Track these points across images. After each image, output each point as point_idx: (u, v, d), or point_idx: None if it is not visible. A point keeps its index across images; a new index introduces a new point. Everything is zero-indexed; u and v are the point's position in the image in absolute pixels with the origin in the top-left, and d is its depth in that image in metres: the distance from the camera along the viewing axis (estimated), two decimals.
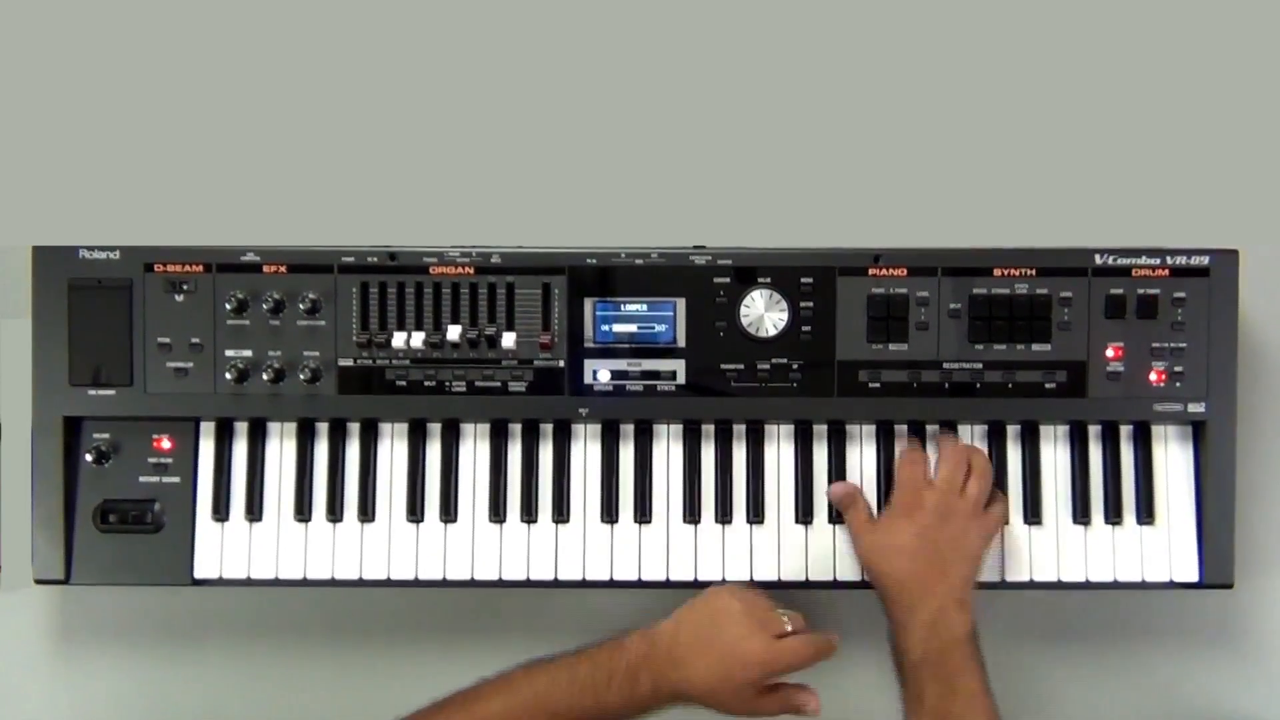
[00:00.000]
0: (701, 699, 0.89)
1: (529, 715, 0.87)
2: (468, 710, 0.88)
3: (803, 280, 0.97)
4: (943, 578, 0.91)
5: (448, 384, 0.97)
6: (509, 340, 0.97)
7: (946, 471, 0.95)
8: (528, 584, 0.98)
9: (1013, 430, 0.99)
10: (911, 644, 0.90)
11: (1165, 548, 0.98)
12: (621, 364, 0.98)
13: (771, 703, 0.90)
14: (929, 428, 0.99)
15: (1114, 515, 0.98)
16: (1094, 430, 0.99)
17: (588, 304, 0.97)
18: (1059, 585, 0.98)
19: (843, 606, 1.03)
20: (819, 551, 0.98)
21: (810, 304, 0.97)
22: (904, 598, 0.91)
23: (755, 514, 0.98)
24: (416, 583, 0.98)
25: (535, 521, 0.98)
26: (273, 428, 0.99)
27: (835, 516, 0.99)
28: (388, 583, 0.98)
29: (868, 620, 1.02)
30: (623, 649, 0.90)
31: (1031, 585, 0.98)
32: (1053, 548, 0.98)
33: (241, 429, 0.99)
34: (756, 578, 0.98)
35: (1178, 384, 0.97)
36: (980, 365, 0.97)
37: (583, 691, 0.88)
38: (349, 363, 0.97)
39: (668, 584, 0.98)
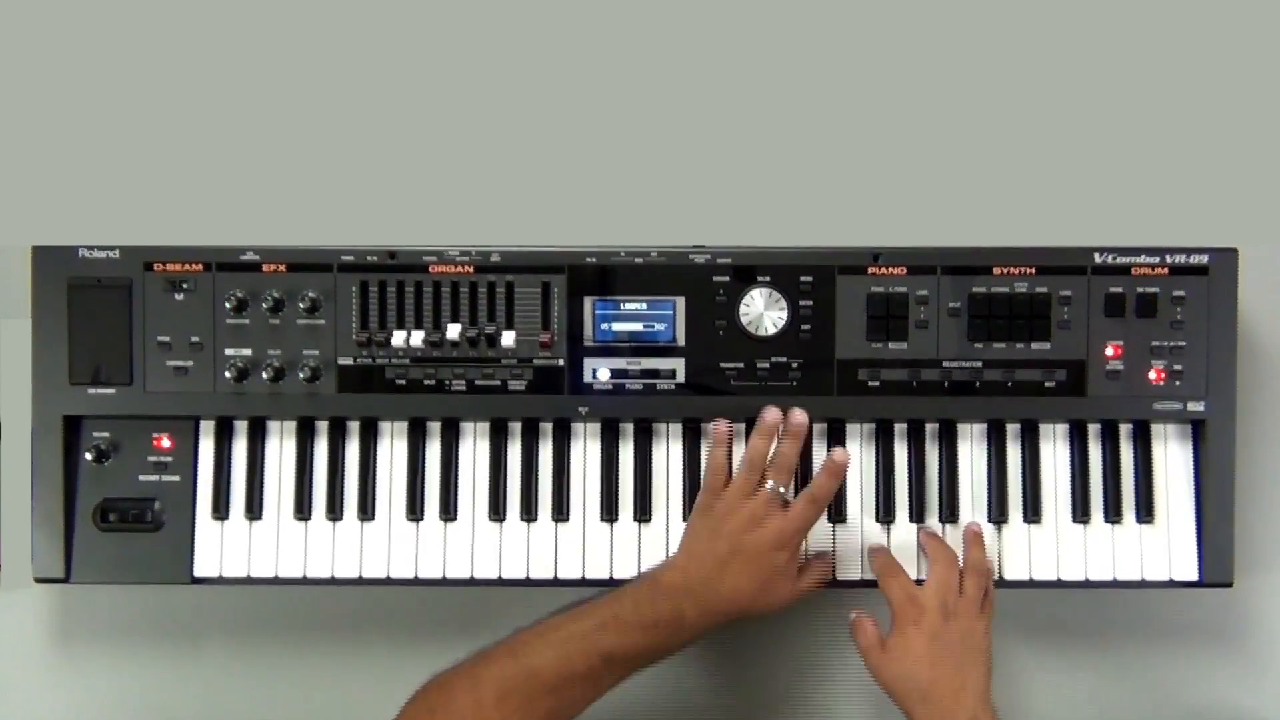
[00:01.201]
0: (751, 605, 0.90)
1: (584, 659, 0.87)
2: (518, 659, 0.87)
3: (802, 279, 0.97)
4: (965, 680, 0.90)
5: (447, 383, 0.97)
6: (509, 339, 0.97)
7: (940, 573, 0.94)
8: (527, 583, 0.98)
9: (1012, 429, 0.99)
10: None
11: (1165, 546, 0.98)
12: (621, 363, 0.98)
13: (808, 579, 0.94)
14: (929, 426, 0.99)
15: (1113, 514, 0.98)
16: (1093, 429, 0.99)
17: (587, 303, 0.97)
18: (1058, 584, 0.98)
19: (843, 605, 1.03)
20: (818, 549, 0.98)
21: (810, 303, 0.97)
22: (934, 709, 0.89)
23: None
24: (416, 581, 0.98)
25: (535, 520, 0.98)
26: (272, 426, 0.99)
27: (835, 515, 0.99)
28: (387, 581, 0.98)
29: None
30: (659, 587, 0.90)
31: (1031, 584, 0.98)
32: (1052, 546, 0.98)
33: (241, 428, 0.99)
34: None
35: (1177, 382, 0.97)
36: (980, 364, 0.97)
37: (633, 633, 0.88)
38: (349, 361, 0.97)
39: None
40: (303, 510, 0.98)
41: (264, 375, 0.96)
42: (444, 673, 0.89)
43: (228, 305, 0.96)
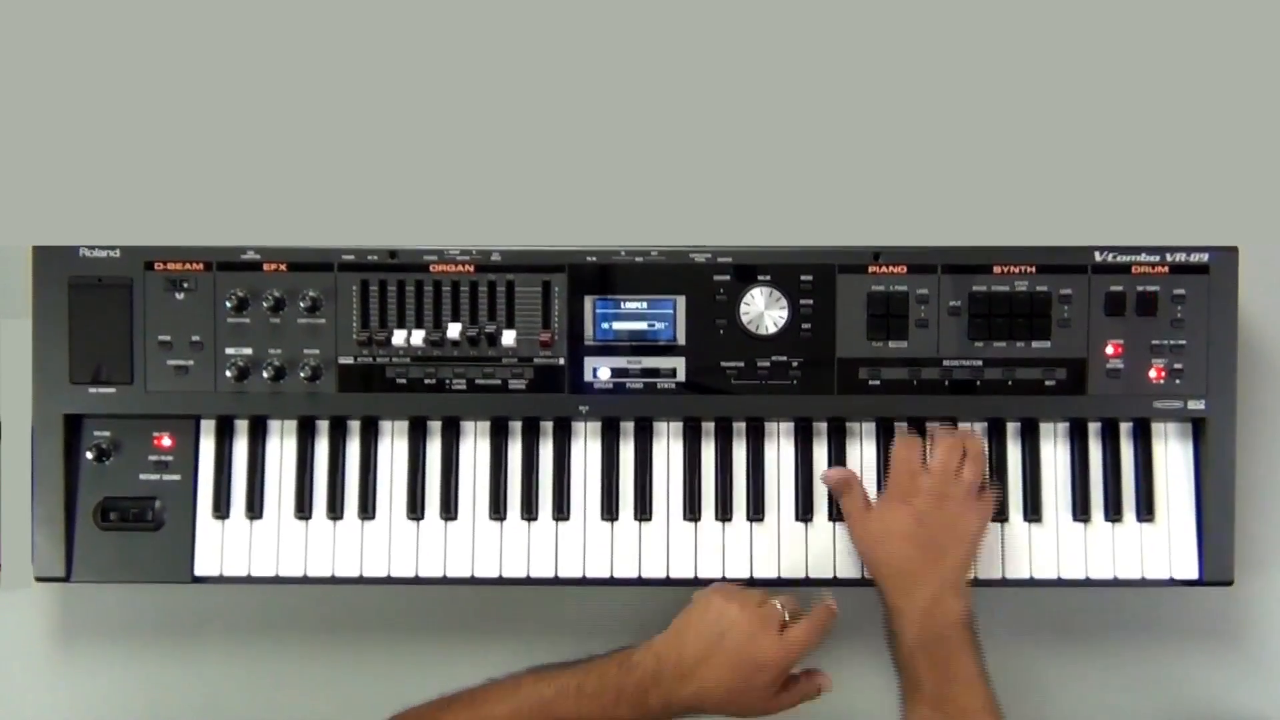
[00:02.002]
0: (718, 708, 0.89)
1: None
2: (474, 710, 0.88)
3: (803, 278, 0.97)
4: (939, 563, 0.91)
5: (448, 382, 0.97)
6: (509, 338, 0.97)
7: (941, 456, 0.95)
8: (528, 582, 0.98)
9: (1012, 427, 0.99)
10: (907, 629, 0.90)
11: (1165, 545, 0.98)
12: (621, 361, 0.98)
13: (789, 697, 0.91)
14: (929, 424, 0.99)
15: (1114, 512, 0.98)
16: (1094, 427, 0.99)
17: (588, 302, 0.98)
18: (1059, 583, 0.98)
19: (843, 604, 1.03)
20: (819, 549, 0.98)
21: (810, 301, 0.97)
22: (900, 583, 0.91)
23: (755, 511, 0.99)
24: (417, 580, 0.98)
25: (535, 519, 0.98)
26: (273, 425, 0.99)
27: (835, 514, 0.99)
28: (388, 580, 0.98)
29: (870, 617, 1.02)
30: (630, 666, 0.89)
31: (1031, 583, 0.98)
32: (1053, 545, 0.98)
33: (242, 427, 0.99)
34: (757, 575, 0.98)
35: (1177, 381, 0.97)
36: (980, 362, 0.97)
37: (590, 704, 0.87)
38: (349, 361, 0.97)
39: (668, 582, 0.98)
40: (303, 509, 0.98)
41: (265, 374, 0.96)
42: (405, 712, 0.89)
43: (228, 305, 0.96)
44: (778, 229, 1.04)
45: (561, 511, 0.98)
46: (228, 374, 0.96)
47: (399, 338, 0.97)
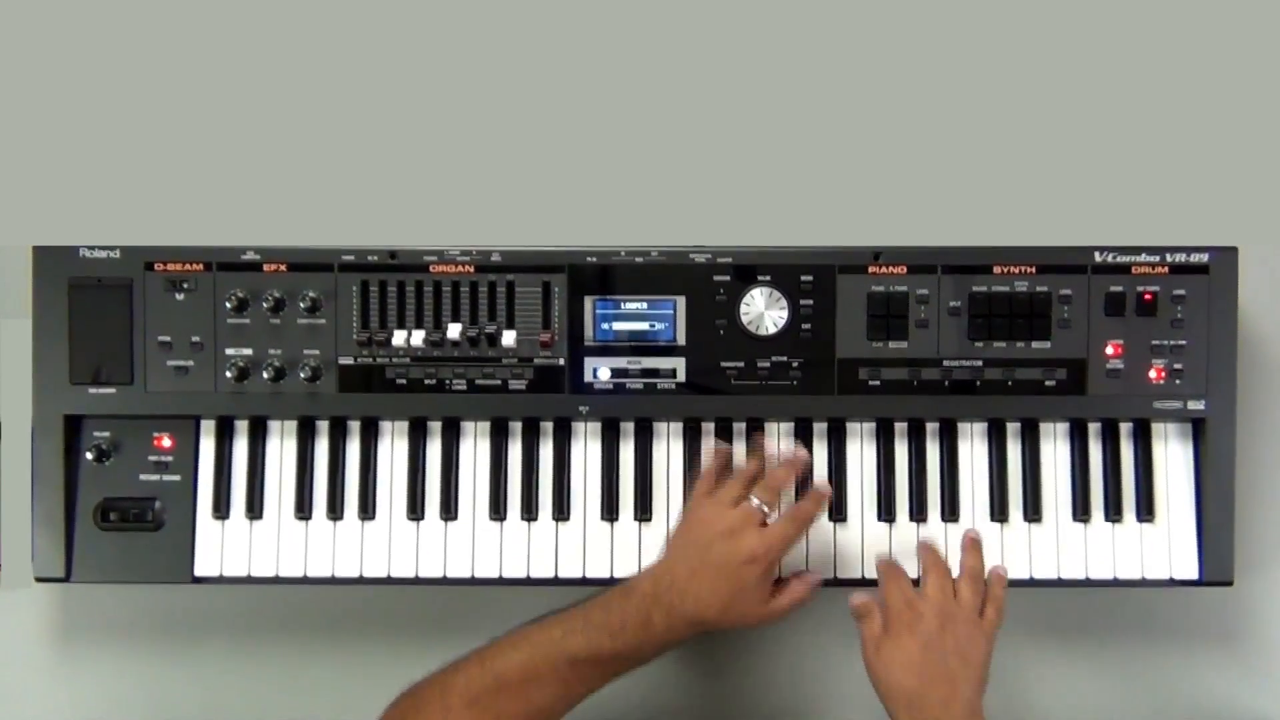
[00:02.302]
0: (719, 619, 0.89)
1: (549, 663, 0.87)
2: (485, 666, 0.88)
3: (803, 278, 0.97)
4: (954, 691, 0.88)
5: (448, 382, 0.97)
6: (509, 338, 0.97)
7: (935, 580, 0.92)
8: (528, 582, 0.98)
9: (1012, 428, 0.99)
10: None
11: (1165, 545, 0.98)
12: (621, 362, 0.98)
13: (783, 599, 0.91)
14: (929, 425, 0.99)
15: (1114, 513, 0.98)
16: (1094, 428, 0.99)
17: (588, 302, 0.98)
18: (1059, 583, 0.98)
19: (843, 604, 1.03)
20: (819, 548, 0.98)
21: (810, 302, 0.97)
22: (913, 716, 0.88)
23: None
24: (417, 581, 0.98)
25: (535, 519, 0.98)
26: (273, 426, 0.99)
27: (834, 514, 0.99)
28: (388, 581, 0.98)
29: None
30: (630, 592, 0.90)
31: (1031, 583, 0.98)
32: (1052, 545, 0.99)
33: (242, 427, 0.99)
34: None
35: (1177, 381, 0.97)
36: (980, 363, 0.98)
37: (599, 635, 0.88)
38: (349, 361, 0.97)
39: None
40: (303, 510, 0.98)
41: (265, 375, 0.96)
42: (417, 683, 0.89)
43: (228, 305, 0.96)
44: (778, 229, 1.04)
45: (561, 512, 0.98)
46: (228, 374, 0.96)
47: (399, 338, 0.97)
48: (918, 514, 0.99)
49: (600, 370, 0.98)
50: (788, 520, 0.90)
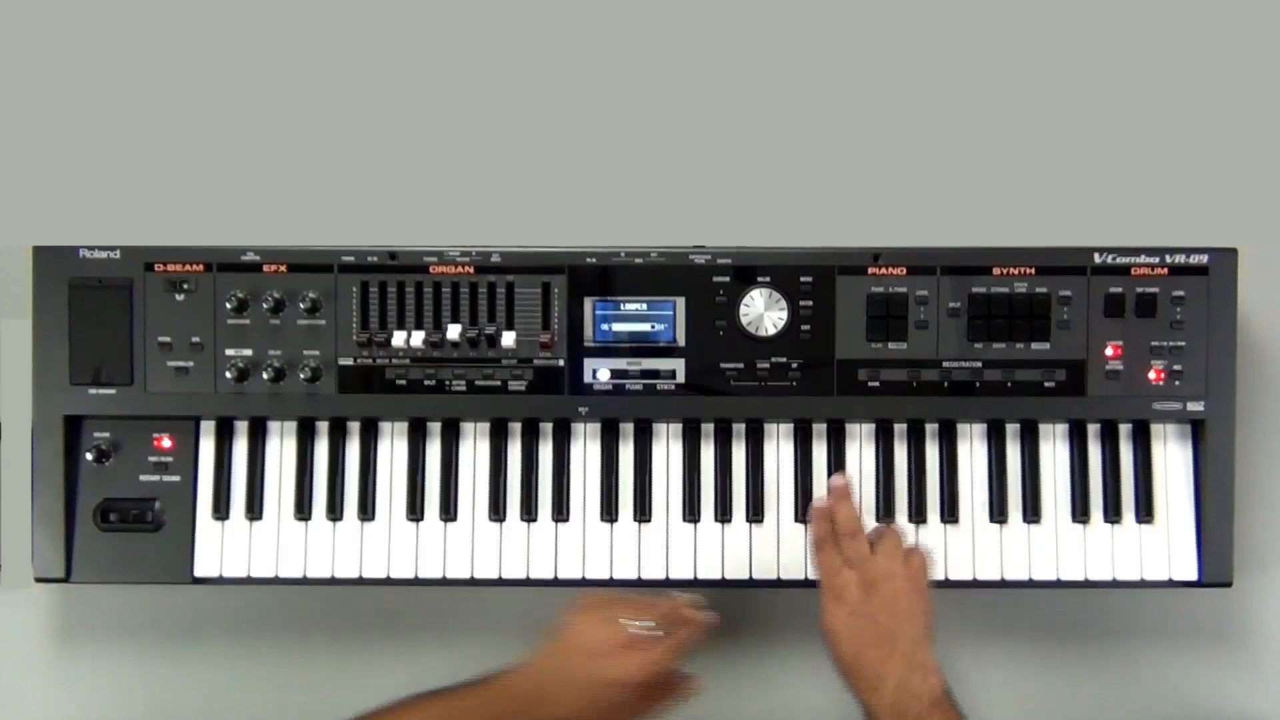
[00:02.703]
0: None
1: None
2: None
3: (802, 279, 0.97)
4: (893, 649, 0.88)
5: (448, 383, 0.97)
6: (509, 339, 0.97)
7: (851, 547, 0.92)
8: (528, 583, 0.98)
9: (1012, 429, 0.99)
10: None
11: (1164, 546, 0.98)
12: (621, 363, 0.98)
13: (660, 697, 0.90)
14: (929, 426, 0.99)
15: (1113, 514, 0.98)
16: (1093, 429, 0.99)
17: (587, 303, 0.98)
18: (1058, 584, 0.98)
19: None
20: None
21: (810, 303, 0.97)
22: (863, 681, 0.88)
23: (755, 513, 0.99)
24: (416, 581, 0.98)
25: (535, 520, 0.98)
26: (273, 427, 0.99)
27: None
28: (388, 581, 0.98)
29: None
30: (504, 687, 0.89)
31: (1031, 584, 0.98)
32: (1052, 546, 0.99)
33: (242, 428, 0.99)
34: (756, 576, 0.98)
35: (1177, 382, 0.97)
36: (980, 364, 0.97)
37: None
38: (349, 362, 0.97)
39: (667, 583, 0.98)
40: (303, 510, 0.98)
41: (264, 375, 0.96)
42: None
43: (228, 305, 0.96)
44: (778, 229, 1.04)
45: (561, 513, 0.98)
46: (227, 375, 0.96)
47: (399, 339, 0.97)
48: (917, 515, 0.99)
49: (600, 371, 0.98)
50: (666, 649, 0.88)
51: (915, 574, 0.91)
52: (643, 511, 0.98)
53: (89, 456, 0.97)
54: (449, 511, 0.98)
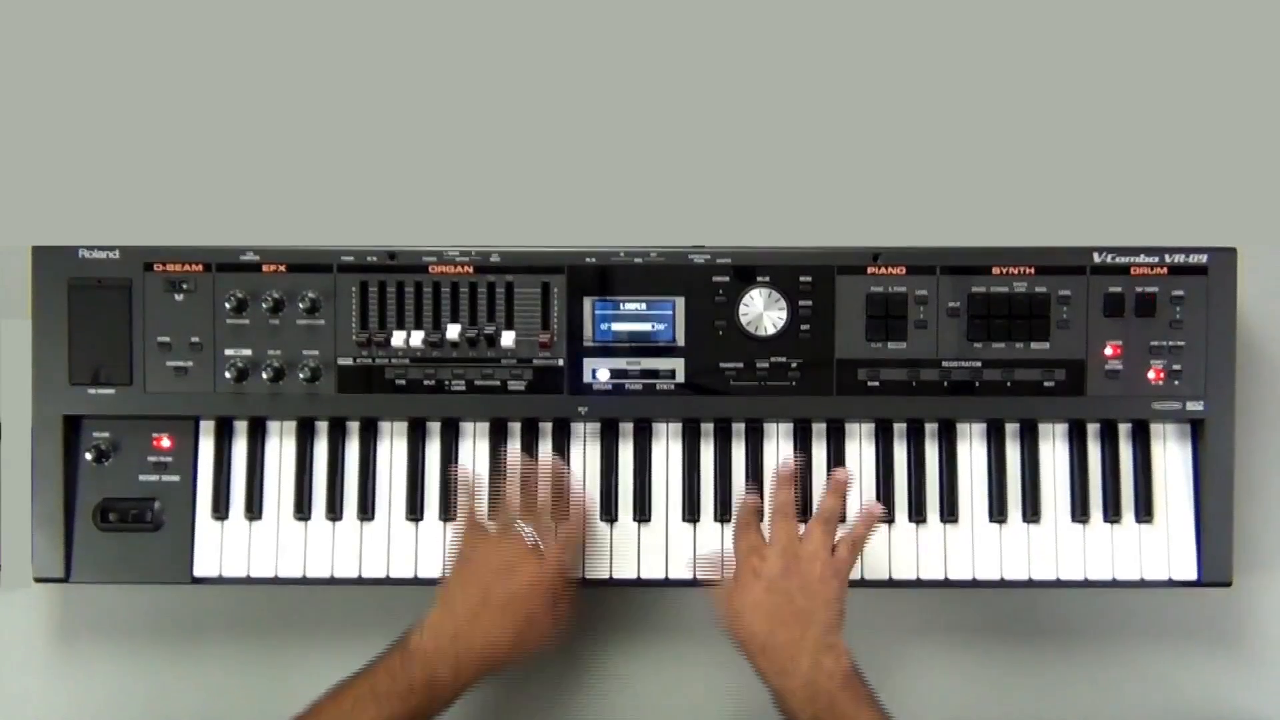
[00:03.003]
0: (510, 654, 0.88)
1: None
2: None
3: (802, 279, 0.97)
4: (807, 629, 0.88)
5: (447, 383, 0.97)
6: (508, 339, 0.97)
7: (778, 524, 0.92)
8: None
9: (1011, 429, 0.99)
10: (798, 708, 0.87)
11: (1164, 546, 0.98)
12: (621, 363, 0.98)
13: (566, 606, 0.91)
14: (928, 425, 0.99)
15: (1113, 513, 0.98)
16: (1093, 428, 0.99)
17: (587, 303, 0.97)
18: (1058, 584, 0.98)
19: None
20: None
21: (809, 303, 0.97)
22: (774, 661, 0.88)
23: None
24: (416, 581, 0.98)
25: None
26: (272, 426, 0.99)
27: None
28: (387, 581, 0.98)
29: (863, 620, 1.02)
30: (411, 655, 0.88)
31: (1030, 584, 0.98)
32: (1051, 546, 0.98)
33: (241, 428, 0.99)
34: None
35: (1176, 382, 0.97)
36: (979, 364, 0.97)
37: (389, 703, 0.87)
38: (348, 362, 0.97)
39: (667, 583, 0.98)
40: (302, 510, 0.98)
41: (264, 375, 0.96)
42: None
43: (228, 305, 0.96)
44: (777, 230, 1.04)
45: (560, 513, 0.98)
46: (227, 375, 0.96)
47: (398, 339, 0.97)
48: (916, 515, 0.99)
49: (599, 371, 0.98)
50: (562, 545, 0.90)
51: (838, 564, 0.91)
52: (642, 511, 0.98)
53: (88, 456, 0.97)
54: (449, 511, 0.98)
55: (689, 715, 1.06)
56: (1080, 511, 0.98)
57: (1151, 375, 0.97)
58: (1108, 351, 0.97)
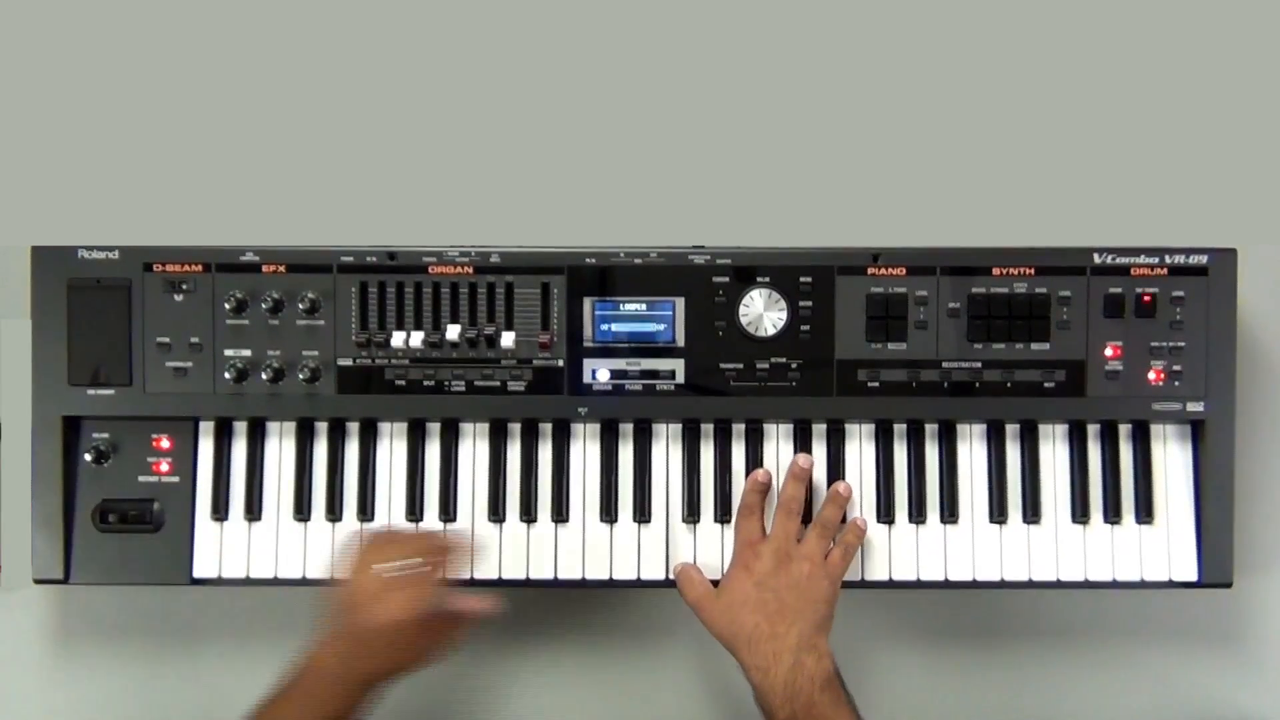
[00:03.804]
0: (390, 675, 0.88)
1: None
2: None
3: (802, 279, 0.97)
4: (791, 627, 0.89)
5: (447, 383, 0.97)
6: (508, 340, 0.97)
7: (779, 523, 0.94)
8: (527, 584, 0.98)
9: (1011, 429, 0.99)
10: (777, 704, 0.88)
11: (1164, 547, 0.98)
12: (620, 363, 0.98)
13: (454, 627, 0.90)
14: (928, 426, 0.99)
15: (1113, 514, 0.98)
16: (1093, 429, 0.99)
17: (587, 303, 0.97)
18: (1058, 585, 0.98)
19: (839, 606, 1.03)
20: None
21: (809, 303, 0.97)
22: (758, 656, 0.89)
23: None
24: None
25: (534, 521, 0.98)
26: (272, 427, 0.99)
27: None
28: None
29: (863, 620, 1.02)
30: (317, 666, 0.87)
31: (1030, 585, 0.98)
32: (1051, 547, 0.98)
33: (241, 428, 0.99)
34: None
35: (1176, 383, 0.97)
36: (979, 364, 0.97)
37: (310, 712, 0.87)
38: (348, 362, 0.97)
39: (667, 584, 0.98)
40: (302, 511, 0.98)
41: (263, 376, 0.96)
42: None
43: (227, 306, 0.96)
44: (777, 230, 1.04)
45: (560, 514, 0.98)
46: (226, 376, 0.96)
47: (398, 339, 0.97)
48: (917, 515, 0.99)
49: (599, 371, 0.98)
50: (424, 584, 0.87)
51: (831, 567, 0.93)
52: (642, 512, 0.98)
53: (88, 457, 0.97)
54: (448, 512, 0.98)
55: (689, 715, 1.06)
56: (1080, 512, 0.98)
57: (1152, 376, 0.97)
58: (1108, 352, 0.97)
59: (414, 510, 0.98)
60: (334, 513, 0.98)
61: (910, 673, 1.06)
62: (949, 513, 0.99)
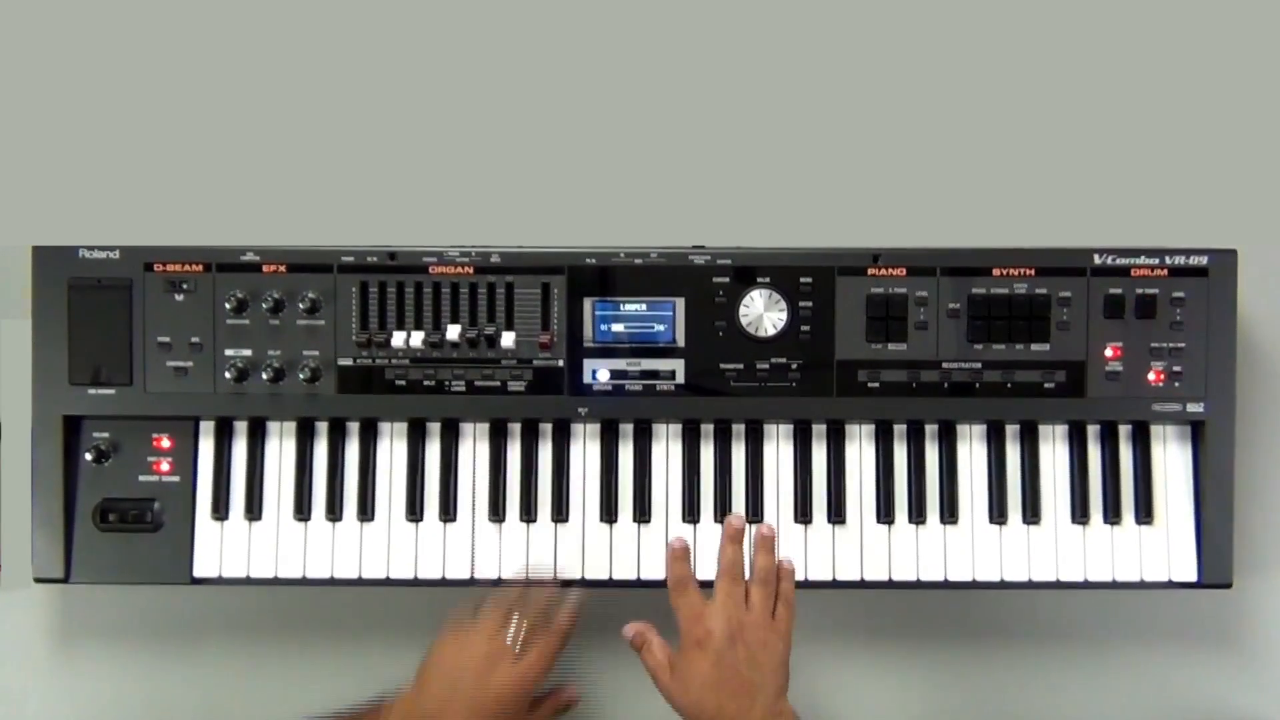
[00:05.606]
0: None
1: None
2: None
3: (802, 280, 0.97)
4: (755, 702, 0.89)
5: (447, 383, 0.97)
6: (508, 340, 0.97)
7: (723, 587, 0.93)
8: (527, 584, 0.98)
9: (1011, 430, 0.99)
10: None
11: (1164, 547, 0.98)
12: (621, 363, 0.98)
13: (540, 715, 0.93)
14: (928, 427, 0.99)
15: (1113, 515, 0.98)
16: (1093, 430, 0.99)
17: (587, 303, 0.97)
18: (1058, 585, 0.98)
19: (841, 607, 1.03)
20: (817, 551, 0.98)
21: (809, 304, 0.97)
22: None
23: (754, 513, 0.98)
24: (416, 582, 0.98)
25: (534, 521, 0.98)
26: (272, 427, 0.99)
27: (833, 516, 0.99)
28: (387, 582, 0.98)
29: (863, 620, 1.02)
30: (387, 716, 0.89)
31: (1030, 585, 0.98)
32: (1051, 547, 0.98)
33: (241, 428, 0.99)
34: None
35: (1176, 384, 0.97)
36: (979, 365, 0.97)
37: None
38: (348, 362, 0.97)
39: (667, 583, 0.98)
40: (302, 511, 0.98)
41: (264, 376, 0.96)
42: None
43: (228, 306, 0.96)
44: (777, 230, 1.04)
45: (560, 513, 0.98)
46: (227, 375, 0.96)
47: (398, 339, 0.97)
48: (917, 516, 0.99)
49: (599, 372, 0.98)
50: (540, 654, 0.90)
51: (779, 625, 0.93)
52: (642, 512, 0.98)
53: (88, 457, 0.97)
54: (448, 512, 0.98)
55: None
56: (1080, 513, 0.98)
57: (1152, 377, 0.97)
58: (1108, 353, 0.97)
59: (414, 510, 0.98)
60: (334, 512, 0.98)
61: (910, 673, 1.06)
62: (949, 513, 0.99)
